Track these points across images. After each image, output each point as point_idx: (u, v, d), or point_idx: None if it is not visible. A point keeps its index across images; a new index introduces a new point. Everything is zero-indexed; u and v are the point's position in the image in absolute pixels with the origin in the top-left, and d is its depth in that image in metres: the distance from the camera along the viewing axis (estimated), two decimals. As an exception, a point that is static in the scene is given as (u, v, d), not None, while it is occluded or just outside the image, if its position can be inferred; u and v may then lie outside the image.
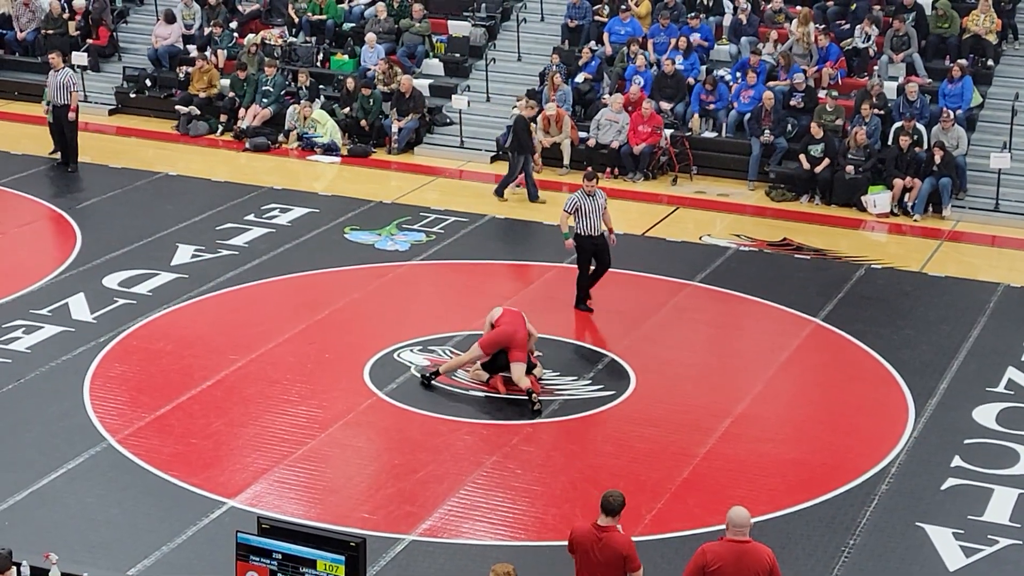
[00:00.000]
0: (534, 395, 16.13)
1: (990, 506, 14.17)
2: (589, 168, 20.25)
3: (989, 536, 13.63)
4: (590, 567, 11.08)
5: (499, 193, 23.39)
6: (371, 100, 26.19)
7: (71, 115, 24.24)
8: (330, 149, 25.75)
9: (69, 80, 24.36)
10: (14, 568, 10.91)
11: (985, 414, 16.15)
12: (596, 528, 11.08)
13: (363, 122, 26.07)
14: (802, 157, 23.72)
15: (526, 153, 23.27)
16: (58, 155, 24.78)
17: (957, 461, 15.06)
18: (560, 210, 18.99)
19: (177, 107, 27.16)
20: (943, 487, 14.55)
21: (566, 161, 24.82)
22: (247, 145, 26.17)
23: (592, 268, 18.71)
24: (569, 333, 18.23)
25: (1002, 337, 18.31)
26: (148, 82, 28.16)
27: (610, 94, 25.40)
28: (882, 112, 24.13)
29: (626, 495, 11.30)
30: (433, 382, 16.52)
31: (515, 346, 16.33)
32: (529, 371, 16.43)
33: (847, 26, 26.16)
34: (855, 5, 26.31)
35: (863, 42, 25.76)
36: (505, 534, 13.61)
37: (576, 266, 18.88)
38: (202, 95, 27.13)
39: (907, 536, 13.65)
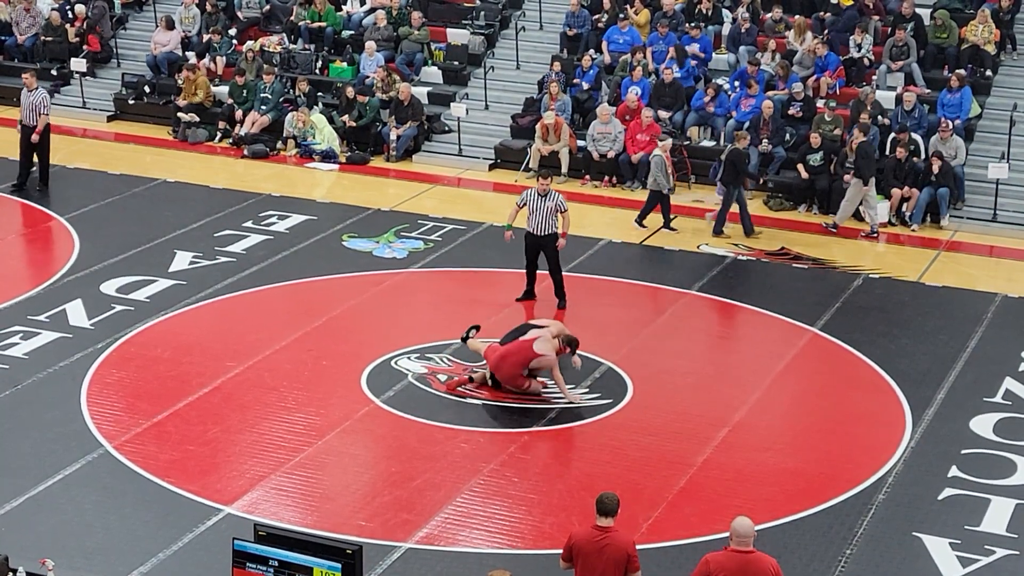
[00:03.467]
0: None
1: (987, 516, 14.16)
2: (544, 170, 20.48)
3: (986, 546, 13.62)
4: (592, 571, 11.05)
5: (718, 231, 22.41)
6: (367, 107, 26.20)
7: (35, 137, 23.30)
8: (328, 156, 25.76)
9: (42, 102, 23.55)
10: (10, 574, 10.90)
11: (982, 424, 16.14)
12: (597, 529, 11.08)
13: (351, 123, 26.02)
14: (800, 166, 23.74)
15: (739, 185, 22.56)
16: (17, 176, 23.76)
17: (954, 471, 15.05)
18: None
19: (179, 114, 27.17)
20: (940, 497, 14.55)
21: (564, 169, 24.78)
22: (245, 152, 26.18)
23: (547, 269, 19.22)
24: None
25: (1000, 347, 18.31)
26: (147, 88, 28.19)
27: (609, 103, 25.39)
28: (878, 123, 24.11)
29: (623, 503, 11.32)
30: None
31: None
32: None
33: (843, 35, 26.19)
34: (847, 14, 26.31)
35: (857, 52, 25.76)
36: (502, 542, 13.60)
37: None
38: (182, 103, 27.10)
39: (904, 546, 13.64)
